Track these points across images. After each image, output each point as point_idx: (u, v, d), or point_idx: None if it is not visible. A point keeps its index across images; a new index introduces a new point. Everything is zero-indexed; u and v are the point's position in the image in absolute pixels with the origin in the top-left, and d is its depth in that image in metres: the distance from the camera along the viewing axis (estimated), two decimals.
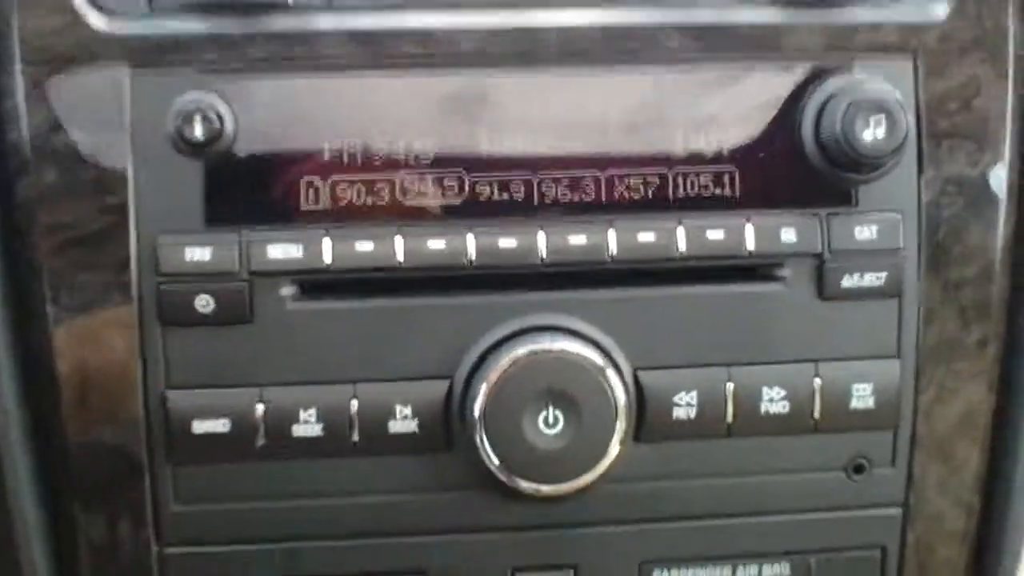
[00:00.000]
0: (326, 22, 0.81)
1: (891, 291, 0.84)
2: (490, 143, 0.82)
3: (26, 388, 0.83)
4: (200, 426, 0.81)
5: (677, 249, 0.82)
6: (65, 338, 0.81)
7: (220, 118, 0.79)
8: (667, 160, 0.83)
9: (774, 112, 0.83)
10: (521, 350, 0.81)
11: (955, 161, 0.85)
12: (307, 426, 0.81)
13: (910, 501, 0.88)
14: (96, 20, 0.80)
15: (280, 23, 0.81)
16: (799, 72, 0.84)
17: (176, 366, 0.81)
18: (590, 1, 0.83)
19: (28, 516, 0.83)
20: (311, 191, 0.81)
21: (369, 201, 0.81)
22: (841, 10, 0.84)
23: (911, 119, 0.81)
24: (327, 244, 0.81)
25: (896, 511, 0.88)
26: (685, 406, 0.83)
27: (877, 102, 0.80)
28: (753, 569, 0.88)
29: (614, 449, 0.81)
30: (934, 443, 0.87)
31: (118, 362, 0.81)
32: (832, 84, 0.83)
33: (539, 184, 0.82)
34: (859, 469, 0.87)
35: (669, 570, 0.87)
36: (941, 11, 0.85)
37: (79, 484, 0.83)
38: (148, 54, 0.80)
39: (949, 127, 0.85)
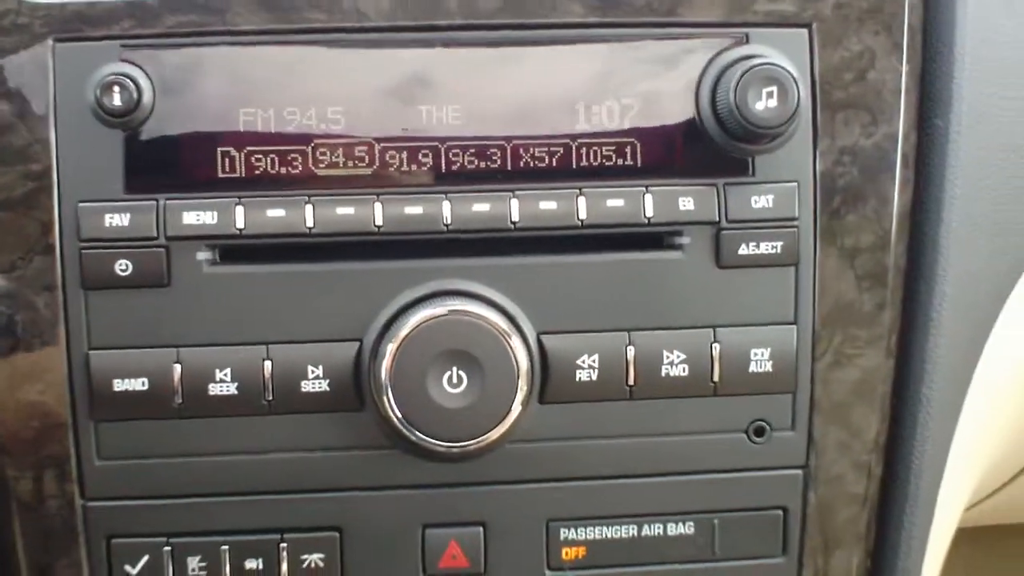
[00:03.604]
0: None
1: (787, 259, 0.87)
2: (398, 113, 0.84)
3: None
4: (120, 385, 0.84)
5: (578, 217, 0.85)
6: None
7: (138, 88, 0.82)
8: (570, 131, 0.85)
9: (673, 84, 0.86)
10: (426, 313, 0.83)
11: (850, 132, 0.87)
12: (222, 385, 0.84)
13: (810, 464, 0.90)
14: None
15: None
16: (697, 44, 0.86)
17: (98, 327, 0.85)
18: None
19: None
20: (227, 160, 0.84)
21: (282, 170, 0.84)
22: None
23: (803, 90, 0.82)
24: (240, 211, 0.84)
25: (797, 473, 0.90)
26: (588, 369, 0.86)
27: (768, 73, 0.82)
28: (658, 528, 0.90)
29: (516, 409, 0.84)
30: (832, 407, 0.89)
31: (43, 323, 0.84)
32: (728, 56, 0.85)
33: (446, 153, 0.85)
34: (760, 432, 0.89)
35: (575, 528, 0.90)
36: None
37: (8, 440, 0.86)
38: (69, 23, 0.83)
39: (844, 98, 0.87)
